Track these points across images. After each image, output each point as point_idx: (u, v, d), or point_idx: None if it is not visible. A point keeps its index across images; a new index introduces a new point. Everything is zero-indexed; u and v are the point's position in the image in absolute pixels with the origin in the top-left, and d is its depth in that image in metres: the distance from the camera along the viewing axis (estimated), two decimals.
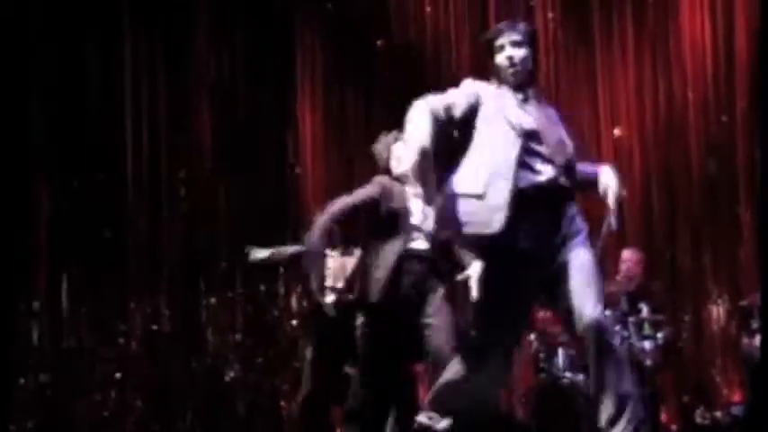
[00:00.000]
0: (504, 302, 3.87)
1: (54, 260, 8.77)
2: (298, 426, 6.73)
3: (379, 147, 5.40)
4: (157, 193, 9.08)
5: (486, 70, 4.05)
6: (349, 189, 6.12)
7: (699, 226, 8.71)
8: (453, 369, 3.96)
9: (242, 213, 9.18)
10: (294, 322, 8.94)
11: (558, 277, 3.82)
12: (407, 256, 5.13)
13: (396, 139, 5.26)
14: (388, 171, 5.30)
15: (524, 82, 3.97)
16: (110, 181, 8.90)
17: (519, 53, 3.95)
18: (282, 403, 8.84)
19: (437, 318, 5.02)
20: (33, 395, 8.57)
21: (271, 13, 9.44)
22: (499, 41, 3.98)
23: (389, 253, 5.11)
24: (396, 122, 9.55)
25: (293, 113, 9.47)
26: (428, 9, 9.49)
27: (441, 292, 5.10)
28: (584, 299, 3.76)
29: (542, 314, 7.43)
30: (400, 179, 5.19)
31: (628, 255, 7.72)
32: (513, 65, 3.94)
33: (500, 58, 3.97)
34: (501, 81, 3.99)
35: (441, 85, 9.46)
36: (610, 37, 9.18)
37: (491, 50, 4.00)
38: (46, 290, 8.75)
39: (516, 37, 3.95)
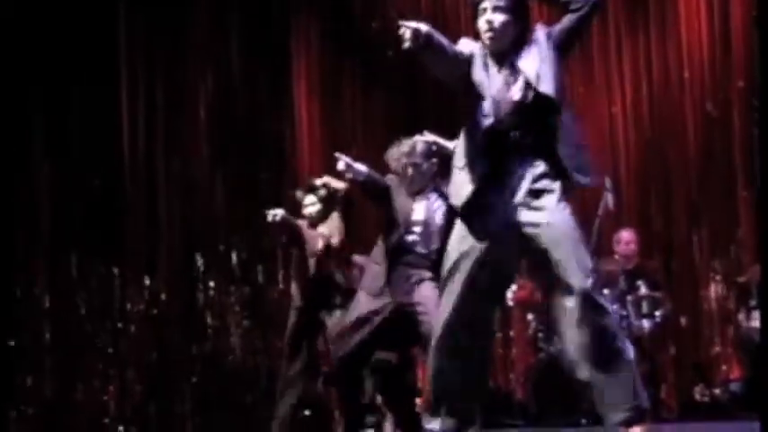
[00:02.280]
0: (471, 276, 3.86)
1: (53, 246, 8.76)
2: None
3: (391, 154, 5.44)
4: (155, 178, 9.07)
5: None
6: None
7: (696, 204, 8.71)
8: (433, 364, 3.96)
9: (239, 197, 9.19)
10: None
11: (537, 245, 3.79)
12: (403, 249, 5.22)
13: (408, 148, 5.31)
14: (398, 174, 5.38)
15: (504, 49, 3.91)
16: (107, 166, 8.88)
17: (498, 18, 3.89)
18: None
19: (426, 302, 5.06)
20: (33, 381, 8.58)
21: (267, 2, 9.42)
22: (483, 4, 3.93)
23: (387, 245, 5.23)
24: (393, 107, 9.58)
25: (290, 98, 9.45)
26: None
27: (430, 279, 5.16)
28: (571, 271, 3.72)
29: (539, 295, 7.45)
30: (411, 183, 5.28)
31: (625, 234, 7.74)
32: (490, 29, 3.90)
33: (480, 22, 3.93)
34: (482, 44, 3.96)
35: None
36: (604, 15, 9.15)
37: (475, 13, 3.97)
38: (45, 275, 8.75)
39: (499, 2, 3.89)
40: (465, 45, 3.96)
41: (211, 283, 9.09)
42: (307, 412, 7.57)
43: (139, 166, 8.98)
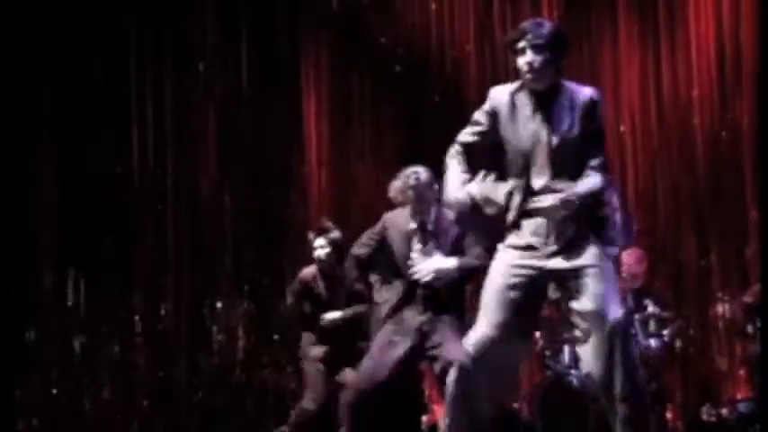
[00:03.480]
0: (509, 300, 3.97)
1: (60, 260, 8.78)
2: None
3: (395, 186, 5.45)
4: (163, 193, 9.10)
5: (492, 68, 4.06)
6: (354, 191, 6.15)
7: (705, 223, 8.69)
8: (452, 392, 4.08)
9: (247, 212, 9.21)
10: None
11: (574, 280, 3.90)
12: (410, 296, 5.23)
13: (410, 179, 5.32)
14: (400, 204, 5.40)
15: (544, 89, 3.95)
16: (116, 181, 8.92)
17: (539, 58, 3.89)
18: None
19: (445, 345, 5.08)
20: (39, 394, 8.59)
21: (276, 17, 9.44)
22: (521, 44, 3.93)
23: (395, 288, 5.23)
24: (401, 123, 9.55)
25: (298, 114, 9.47)
26: (433, 6, 9.47)
27: (445, 320, 5.18)
28: (607, 302, 3.84)
29: (548, 312, 7.43)
30: (416, 213, 5.29)
31: (626, 256, 7.68)
32: (531, 71, 3.91)
33: (520, 62, 3.95)
34: (521, 83, 4.00)
35: (444, 83, 9.41)
36: (614, 32, 9.16)
37: (513, 51, 3.97)
38: (52, 289, 8.77)
39: (538, 41, 3.90)
40: (491, 100, 4.01)
41: (218, 299, 9.10)
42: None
43: (148, 181, 9.02)
